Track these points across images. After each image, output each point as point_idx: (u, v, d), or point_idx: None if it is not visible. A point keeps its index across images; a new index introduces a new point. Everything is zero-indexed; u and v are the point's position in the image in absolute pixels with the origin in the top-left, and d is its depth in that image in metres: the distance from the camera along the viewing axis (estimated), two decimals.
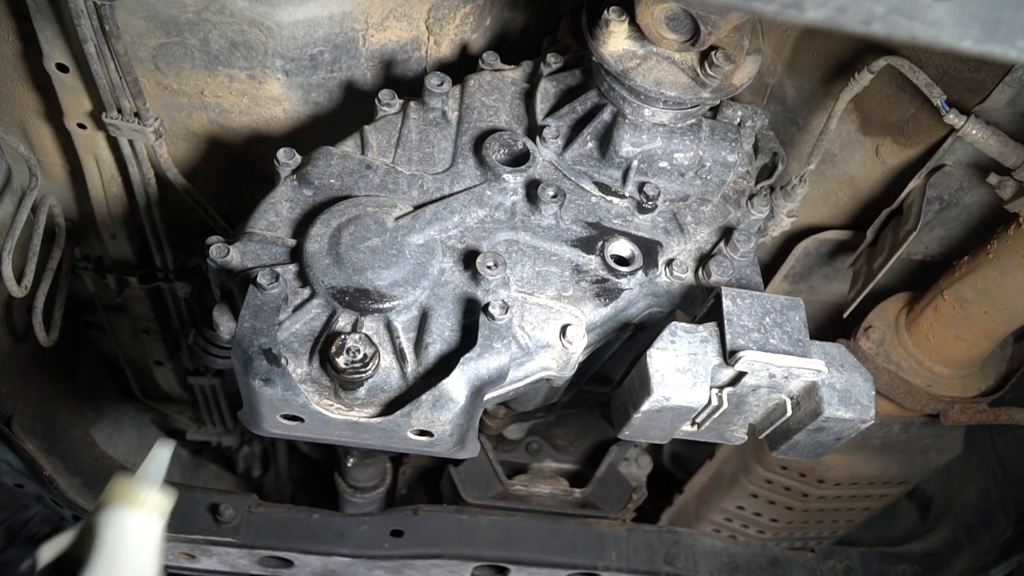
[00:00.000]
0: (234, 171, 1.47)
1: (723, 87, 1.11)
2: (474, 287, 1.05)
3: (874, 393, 1.07)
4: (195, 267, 1.74)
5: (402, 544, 1.65)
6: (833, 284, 1.65)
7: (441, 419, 0.96)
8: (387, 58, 1.31)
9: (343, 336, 0.95)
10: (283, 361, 0.94)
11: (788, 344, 1.05)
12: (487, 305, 1.00)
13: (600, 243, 1.15)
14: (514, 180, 1.15)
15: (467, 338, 1.01)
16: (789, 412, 1.08)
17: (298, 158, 1.13)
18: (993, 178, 1.26)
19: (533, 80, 1.27)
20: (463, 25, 1.35)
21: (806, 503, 1.96)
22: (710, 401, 1.04)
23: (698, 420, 1.11)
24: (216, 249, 1.03)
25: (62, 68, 1.27)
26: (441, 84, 1.21)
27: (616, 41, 1.10)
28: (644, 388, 1.02)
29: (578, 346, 1.05)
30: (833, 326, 1.66)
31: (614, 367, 1.38)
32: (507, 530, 1.70)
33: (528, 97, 1.27)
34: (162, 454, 0.99)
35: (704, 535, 1.77)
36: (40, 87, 1.36)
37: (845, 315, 1.49)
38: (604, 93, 1.17)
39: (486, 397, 1.04)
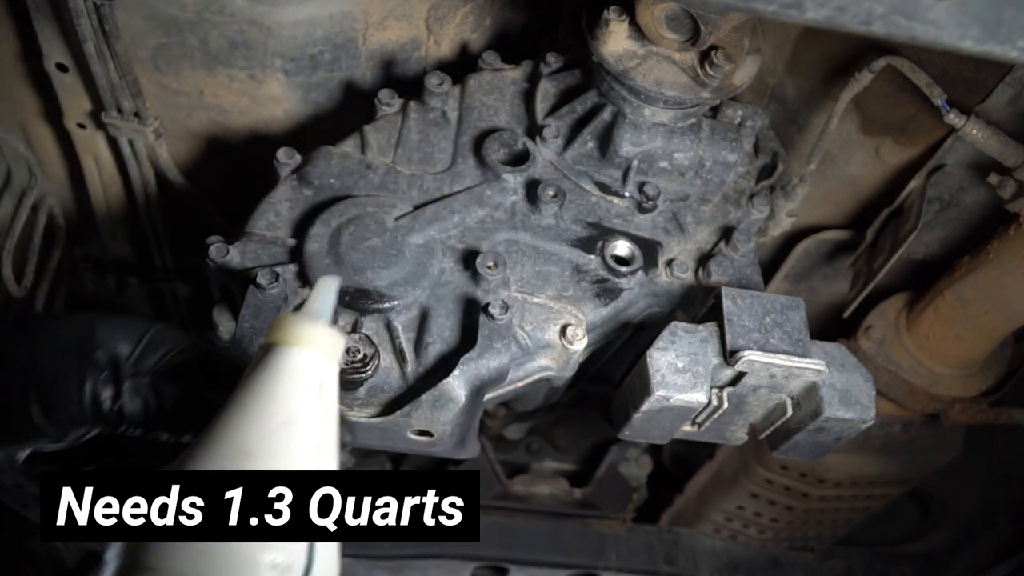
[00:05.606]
0: (234, 171, 1.46)
1: (723, 87, 1.11)
2: (474, 287, 1.05)
3: (874, 393, 1.07)
4: (195, 267, 1.74)
5: (402, 544, 1.65)
6: (833, 284, 1.64)
7: (441, 419, 0.96)
8: (387, 58, 1.31)
9: None
10: None
11: (788, 344, 1.05)
12: (487, 305, 1.00)
13: (600, 243, 1.14)
14: (514, 180, 1.15)
15: (467, 338, 1.01)
16: (789, 412, 1.08)
17: (298, 158, 1.13)
18: (994, 178, 1.26)
19: (533, 80, 1.27)
20: (463, 25, 1.35)
21: (806, 503, 1.96)
22: (710, 401, 1.04)
23: (698, 420, 1.11)
24: (216, 249, 1.03)
25: (62, 68, 1.27)
26: (441, 84, 1.21)
27: (616, 41, 1.10)
28: (644, 388, 1.02)
29: (578, 346, 1.05)
30: (833, 326, 1.66)
31: (614, 367, 1.38)
32: (507, 530, 1.70)
33: (528, 97, 1.26)
34: (329, 286, 0.74)
35: (704, 535, 1.77)
36: (40, 87, 1.36)
37: (845, 315, 1.48)
38: (604, 93, 1.17)
39: (486, 397, 1.04)
